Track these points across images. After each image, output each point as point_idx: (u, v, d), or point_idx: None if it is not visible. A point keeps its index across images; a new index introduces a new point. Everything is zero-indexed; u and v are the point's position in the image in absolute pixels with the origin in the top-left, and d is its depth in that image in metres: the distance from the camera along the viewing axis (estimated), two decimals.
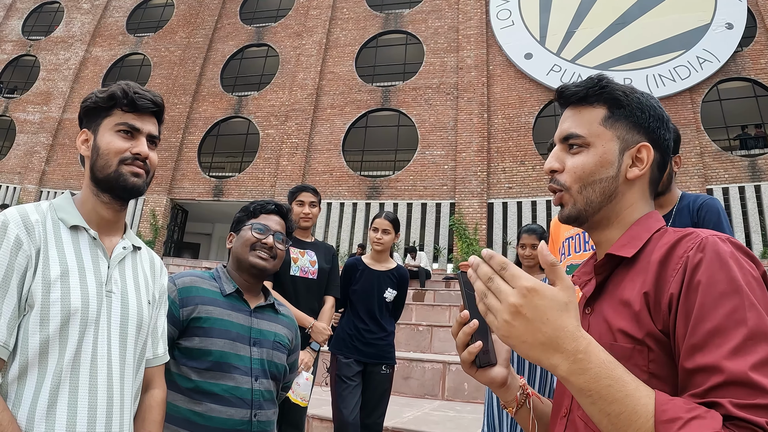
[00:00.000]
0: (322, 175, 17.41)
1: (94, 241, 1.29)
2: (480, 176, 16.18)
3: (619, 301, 0.85)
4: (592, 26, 17.62)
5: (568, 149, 0.97)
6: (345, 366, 3.36)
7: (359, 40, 19.12)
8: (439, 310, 9.18)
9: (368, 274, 3.53)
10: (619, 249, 0.90)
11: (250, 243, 1.86)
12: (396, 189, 16.82)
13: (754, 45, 17.10)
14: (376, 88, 18.18)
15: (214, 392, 1.67)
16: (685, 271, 0.77)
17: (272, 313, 1.91)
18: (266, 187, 17.88)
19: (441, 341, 7.41)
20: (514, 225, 15.81)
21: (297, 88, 18.66)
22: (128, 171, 1.30)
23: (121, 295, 1.29)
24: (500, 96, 17.06)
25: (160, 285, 1.47)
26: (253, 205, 1.97)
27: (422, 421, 4.45)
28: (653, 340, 0.78)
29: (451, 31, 18.26)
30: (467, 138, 16.59)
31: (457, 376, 5.76)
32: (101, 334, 1.23)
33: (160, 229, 18.35)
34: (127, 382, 1.27)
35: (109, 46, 22.03)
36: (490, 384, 0.95)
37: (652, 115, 0.95)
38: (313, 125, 18.12)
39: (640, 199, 0.95)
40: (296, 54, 19.39)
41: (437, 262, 16.53)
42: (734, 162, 15.45)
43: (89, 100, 1.35)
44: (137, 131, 1.34)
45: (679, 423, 0.64)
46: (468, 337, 0.89)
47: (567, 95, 0.99)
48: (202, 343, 1.70)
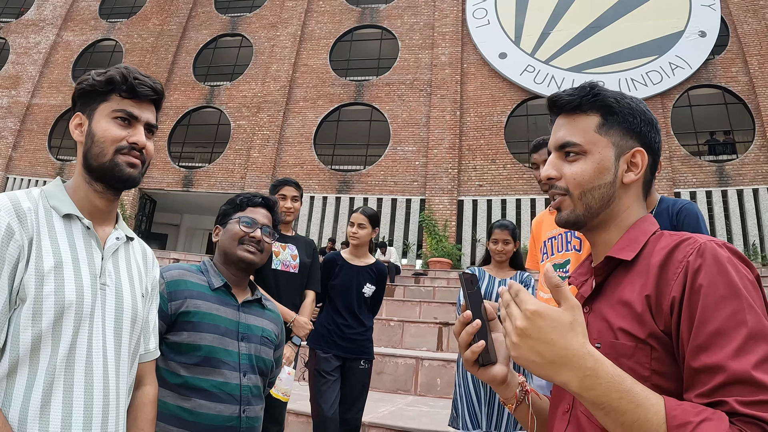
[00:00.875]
0: (292, 168, 17.24)
1: (87, 231, 1.23)
2: (451, 173, 16.16)
3: (618, 301, 0.88)
4: (567, 28, 17.70)
5: (565, 157, 0.99)
6: (324, 361, 3.34)
7: (334, 33, 19.00)
8: (409, 305, 9.17)
9: (347, 269, 3.51)
10: (618, 252, 0.93)
11: (238, 237, 1.84)
12: (366, 184, 16.73)
13: (726, 53, 17.33)
14: (349, 82, 18.07)
15: (203, 388, 1.65)
16: (686, 275, 0.80)
17: (259, 308, 1.90)
18: (236, 178, 17.67)
19: (412, 336, 7.42)
20: (484, 222, 15.82)
21: (270, 79, 18.47)
22: (124, 161, 1.24)
23: (115, 288, 1.25)
24: (473, 94, 17.06)
25: (152, 277, 1.42)
26: (240, 197, 1.95)
27: (397, 416, 4.47)
28: (655, 340, 0.81)
29: (427, 28, 18.22)
30: (439, 135, 16.56)
31: (430, 372, 5.78)
32: (96, 329, 1.18)
33: (127, 218, 17.97)
34: (123, 379, 1.23)
35: (80, 31, 21.57)
36: (491, 381, 0.97)
37: (642, 119, 0.98)
38: (285, 118, 17.94)
39: (635, 202, 0.98)
40: (270, 45, 19.18)
41: (406, 257, 16.48)
42: (702, 167, 15.62)
43: (85, 82, 1.28)
44: (135, 119, 1.28)
45: (690, 427, 0.68)
46: (471, 337, 0.92)
47: (561, 104, 1.01)
48: (190, 337, 1.68)
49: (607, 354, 0.82)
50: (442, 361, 5.77)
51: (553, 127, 1.04)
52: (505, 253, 3.37)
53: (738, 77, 16.91)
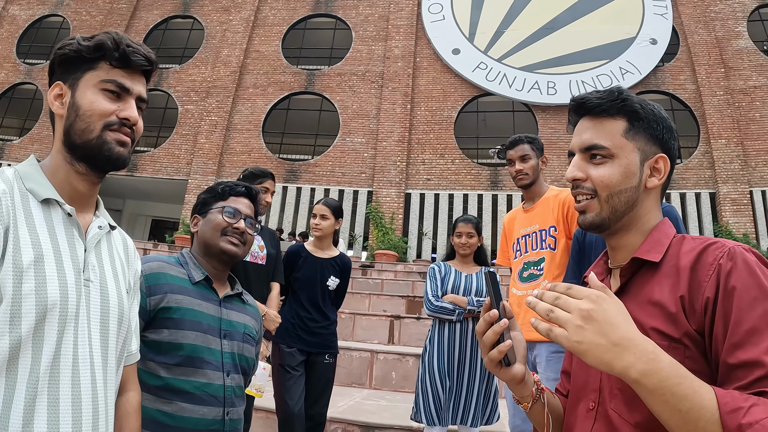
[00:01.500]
0: (239, 155, 16.92)
1: (69, 219, 1.06)
2: (399, 166, 16.08)
3: (648, 301, 0.90)
4: (521, 28, 17.82)
5: (590, 159, 1.00)
6: (288, 355, 3.25)
7: (288, 20, 18.74)
8: (358, 297, 9.01)
9: (311, 262, 3.43)
10: (645, 253, 0.95)
11: (220, 227, 1.72)
12: (314, 174, 16.53)
13: (676, 62, 17.70)
14: (300, 70, 17.85)
15: (185, 390, 1.53)
16: (718, 277, 0.83)
17: (240, 303, 1.78)
18: (182, 164, 17.26)
19: (363, 329, 7.35)
20: (431, 216, 15.80)
21: (220, 64, 18.09)
22: (114, 138, 1.09)
23: (99, 284, 1.09)
24: (425, 88, 17.04)
25: (134, 271, 1.27)
26: (222, 186, 1.82)
27: (357, 410, 4.44)
28: (689, 339, 0.84)
29: (382, 20, 18.14)
30: (389, 127, 16.47)
31: (385, 365, 5.71)
32: (81, 332, 1.02)
33: None
34: (111, 388, 1.09)
35: (27, 5, 20.72)
36: (510, 381, 0.98)
37: (665, 126, 1.00)
38: (234, 104, 17.60)
39: (655, 206, 1.01)
40: (222, 29, 18.79)
41: (352, 249, 16.32)
42: None
43: (69, 47, 1.11)
44: (126, 92, 1.12)
45: (743, 411, 0.71)
46: (497, 336, 0.93)
47: (589, 106, 1.02)
48: (171, 335, 1.55)
49: None
50: (396, 355, 5.74)
51: (576, 128, 1.05)
52: (469, 247, 3.33)
53: (686, 85, 17.30)
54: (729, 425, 0.71)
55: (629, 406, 0.87)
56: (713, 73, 17.09)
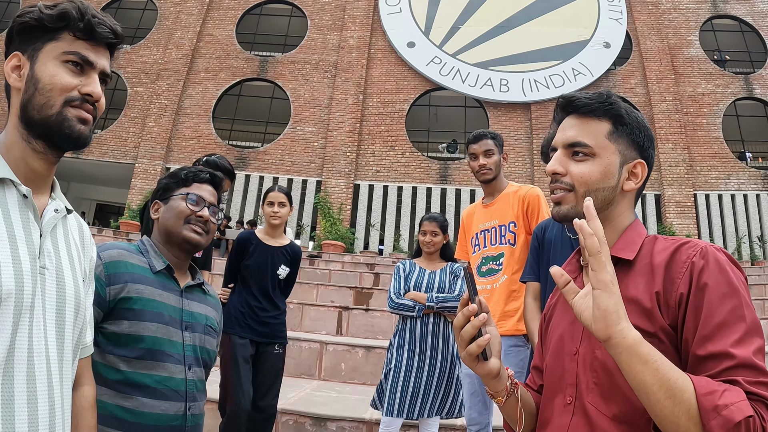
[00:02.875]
0: (188, 140, 16.67)
1: (24, 201, 0.97)
2: (349, 157, 16.05)
3: (624, 298, 0.89)
4: (477, 25, 17.97)
5: (572, 155, 1.03)
6: (241, 347, 3.15)
7: (243, 5, 18.53)
8: (306, 288, 8.94)
9: (262, 250, 3.30)
10: (620, 251, 0.98)
11: (184, 215, 1.65)
12: (263, 162, 16.40)
13: (627, 66, 18.07)
14: (254, 56, 17.67)
15: (146, 384, 1.46)
16: (691, 274, 0.88)
17: (201, 294, 1.71)
18: (129, 147, 16.91)
19: (312, 320, 7.31)
20: (379, 208, 15.82)
21: (172, 46, 17.78)
22: (75, 115, 0.99)
23: (55, 271, 1.00)
24: (378, 80, 17.04)
25: (89, 258, 1.17)
26: (185, 171, 1.74)
27: (308, 402, 4.37)
28: (664, 334, 0.88)
29: (338, 10, 18.07)
30: (340, 118, 16.43)
31: (334, 357, 5.65)
32: (36, 323, 0.93)
33: None
34: (67, 384, 1.01)
35: None
36: (486, 375, 0.98)
37: (646, 135, 1.05)
38: (185, 88, 17.33)
39: (629, 209, 1.05)
40: (176, 11, 18.46)
41: (299, 239, 16.23)
42: None
43: (29, 15, 1.01)
44: (90, 65, 1.02)
45: (718, 394, 0.75)
46: (476, 330, 0.93)
47: (577, 105, 1.05)
48: (132, 327, 1.47)
49: None
50: (346, 346, 5.69)
51: (561, 125, 1.07)
52: (434, 245, 3.35)
53: (636, 89, 17.68)
54: (705, 405, 0.74)
55: (606, 400, 0.90)
56: (664, 79, 17.51)
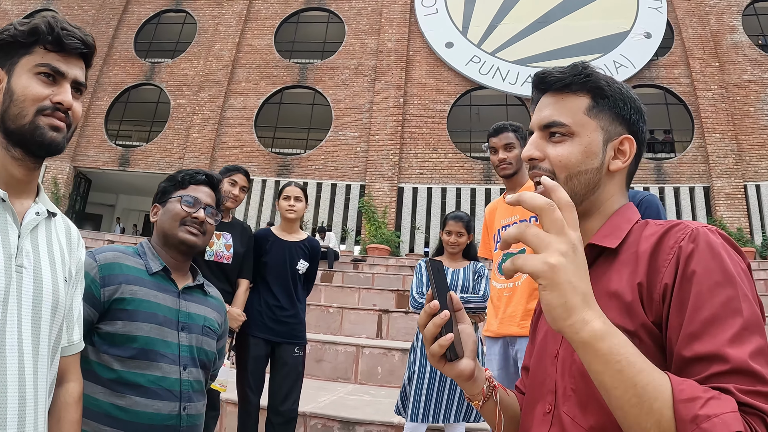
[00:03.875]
0: (232, 149, 16.87)
1: (2, 204, 1.05)
2: (392, 160, 16.04)
3: (605, 292, 0.82)
4: (515, 21, 17.77)
5: (549, 137, 0.93)
6: (254, 345, 3.15)
7: (280, 14, 18.68)
8: (348, 291, 8.99)
9: (279, 245, 3.29)
10: (602, 239, 0.88)
11: (179, 217, 1.68)
12: (307, 168, 16.49)
13: (670, 56, 17.64)
14: (293, 64, 17.80)
15: (139, 383, 1.49)
16: (678, 261, 0.75)
17: (201, 295, 1.73)
18: (174, 159, 17.19)
19: (351, 323, 7.26)
20: (424, 210, 15.76)
21: (213, 58, 18.04)
22: (46, 123, 1.07)
23: (33, 270, 1.07)
24: (417, 82, 16.99)
25: (76, 259, 1.24)
26: (181, 174, 1.77)
27: (339, 405, 4.31)
28: (645, 332, 0.76)
29: (375, 14, 18.08)
30: (382, 121, 16.42)
31: (371, 360, 5.59)
32: (10, 319, 1.01)
33: (61, 198, 17.36)
34: (41, 377, 1.06)
35: (19, 0, 20.71)
36: (457, 377, 0.90)
37: (632, 107, 0.93)
38: (227, 98, 17.55)
39: (619, 191, 0.94)
40: (215, 23, 18.73)
41: (344, 243, 16.28)
42: (641, 164, 15.70)
43: (6, 32, 1.10)
44: (61, 75, 1.10)
45: (700, 402, 0.62)
46: (438, 329, 0.84)
47: (549, 81, 0.94)
48: (125, 327, 1.51)
49: None
50: (382, 349, 5.61)
51: (537, 105, 0.97)
52: (458, 245, 3.29)
53: (680, 79, 17.24)
54: (683, 414, 0.62)
55: (583, 409, 0.79)
56: (708, 67, 17.03)
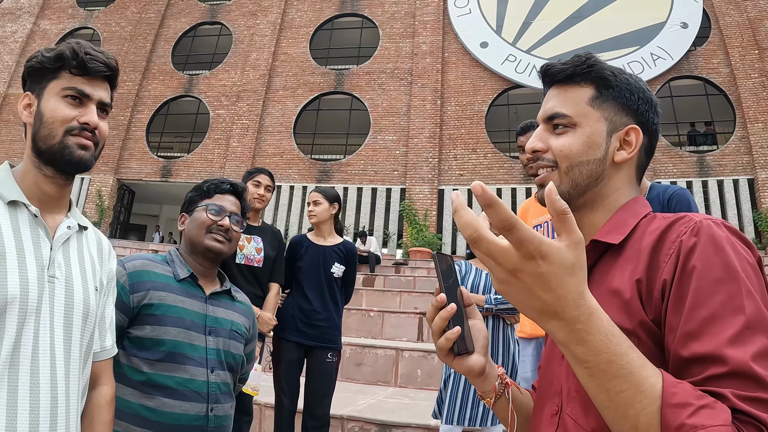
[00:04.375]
0: (272, 157, 17.06)
1: (35, 219, 1.13)
2: (431, 162, 16.06)
3: (608, 290, 0.80)
4: (549, 18, 17.63)
5: (553, 129, 0.92)
6: (286, 349, 3.20)
7: (314, 21, 18.83)
8: (389, 295, 9.05)
9: (313, 250, 3.35)
10: (605, 235, 0.85)
11: (205, 225, 1.75)
12: (346, 173, 16.59)
13: (708, 45, 17.32)
14: (329, 70, 17.92)
15: (168, 385, 1.56)
16: (678, 256, 0.72)
17: (228, 300, 1.80)
18: (215, 168, 17.45)
19: (392, 327, 7.29)
20: None
21: (249, 68, 18.26)
22: (75, 142, 1.15)
23: (65, 280, 1.15)
24: (454, 83, 16.97)
25: (108, 269, 1.33)
26: (207, 184, 1.84)
27: (377, 408, 4.34)
28: (644, 331, 0.73)
29: (408, 17, 18.11)
30: (420, 124, 16.45)
31: (410, 363, 5.64)
32: (43, 325, 1.08)
33: (106, 210, 17.76)
34: (73, 380, 1.14)
35: (57, 20, 21.20)
36: (467, 373, 0.87)
37: (641, 97, 0.91)
38: (265, 107, 17.75)
39: (627, 184, 0.91)
40: (250, 34, 18.96)
41: (386, 247, 16.36)
42: (683, 157, 15.62)
43: (34, 59, 1.19)
44: (87, 97, 1.18)
45: (690, 409, 0.59)
46: (445, 323, 0.82)
47: (552, 73, 0.94)
48: (154, 332, 1.59)
49: None
50: (422, 352, 5.65)
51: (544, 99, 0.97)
52: None
53: (719, 69, 16.92)
54: (669, 420, 0.59)
55: (585, 411, 0.76)
56: (747, 56, 16.68)
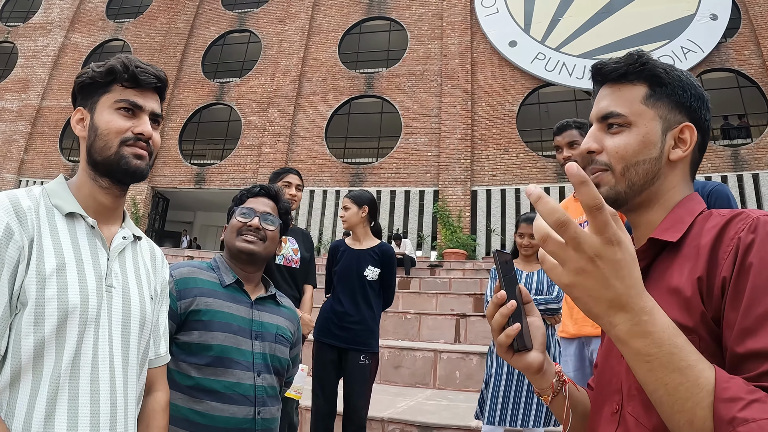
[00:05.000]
0: (304, 162, 17.22)
1: (92, 230, 1.17)
2: (464, 164, 16.08)
3: (666, 289, 0.79)
4: (577, 14, 17.54)
5: (607, 129, 0.91)
6: (320, 351, 3.26)
7: (342, 26, 18.94)
8: (425, 297, 9.06)
9: (348, 254, 3.41)
10: (662, 233, 0.85)
11: (236, 228, 1.79)
12: (379, 176, 16.68)
13: (738, 36, 17.10)
14: (359, 74, 18.03)
15: (215, 389, 1.59)
16: (737, 253, 0.71)
17: (274, 305, 1.83)
18: (248, 174, 17.67)
19: (429, 329, 7.31)
20: (498, 212, 15.74)
21: (279, 74, 18.45)
22: (130, 153, 1.18)
23: (122, 290, 1.19)
24: (484, 83, 16.96)
25: (161, 278, 1.37)
26: (241, 192, 1.92)
27: (417, 410, 4.38)
28: (705, 329, 0.73)
29: (435, 18, 18.13)
30: (451, 125, 16.48)
31: (449, 365, 5.68)
32: (102, 333, 1.12)
33: (141, 217, 18.09)
34: (131, 386, 1.18)
35: (88, 33, 21.62)
36: (525, 369, 0.89)
37: (693, 94, 0.90)
38: (296, 112, 17.92)
39: (682, 181, 0.91)
40: (279, 40, 19.15)
41: (421, 249, 16.42)
42: (717, 152, 15.45)
43: (85, 75, 1.22)
44: (139, 109, 1.21)
45: (741, 403, 0.59)
46: (505, 320, 0.84)
47: (605, 71, 0.94)
48: (201, 337, 1.62)
49: None
50: (460, 354, 5.67)
51: (596, 98, 0.96)
52: (532, 248, 3.28)
53: (751, 60, 16.70)
54: (722, 414, 0.60)
55: (646, 409, 0.76)
56: None
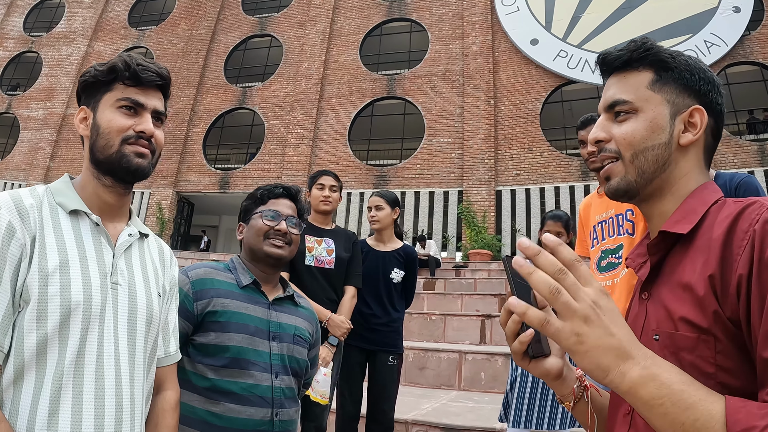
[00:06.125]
0: (328, 165, 17.30)
1: (96, 228, 1.17)
2: (487, 163, 16.08)
3: (678, 284, 0.76)
4: (598, 11, 17.45)
5: (614, 117, 0.89)
6: (348, 354, 3.19)
7: (363, 28, 19.01)
8: (450, 298, 9.04)
9: (372, 256, 3.35)
10: (673, 225, 0.81)
11: (262, 232, 1.75)
12: (403, 178, 16.73)
13: (762, 28, 16.91)
14: (381, 76, 18.08)
15: (232, 391, 1.57)
16: (753, 248, 0.66)
17: (291, 306, 1.81)
18: (272, 177, 17.81)
19: (454, 330, 7.28)
20: (523, 212, 15.72)
21: (301, 78, 18.57)
22: (132, 151, 1.18)
23: (128, 286, 1.18)
24: (506, 82, 16.94)
25: (170, 276, 1.36)
26: (260, 190, 1.85)
27: (441, 412, 4.35)
28: (721, 330, 0.69)
29: (456, 18, 18.13)
30: (474, 125, 16.48)
31: (474, 366, 5.63)
32: (107, 330, 1.11)
33: (166, 222, 18.33)
34: (138, 384, 1.17)
35: (111, 41, 21.93)
36: (544, 376, 0.85)
37: (701, 77, 0.88)
38: (319, 115, 18.03)
39: (695, 168, 0.87)
40: (300, 44, 19.27)
41: (446, 250, 16.45)
42: (743, 146, 15.31)
43: (87, 74, 1.23)
44: (141, 107, 1.21)
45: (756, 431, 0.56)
46: (518, 326, 0.80)
47: (609, 61, 0.92)
48: (218, 338, 1.60)
49: (666, 347, 0.74)
50: (485, 355, 5.64)
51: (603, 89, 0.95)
52: None
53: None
54: None
55: None
56: None
